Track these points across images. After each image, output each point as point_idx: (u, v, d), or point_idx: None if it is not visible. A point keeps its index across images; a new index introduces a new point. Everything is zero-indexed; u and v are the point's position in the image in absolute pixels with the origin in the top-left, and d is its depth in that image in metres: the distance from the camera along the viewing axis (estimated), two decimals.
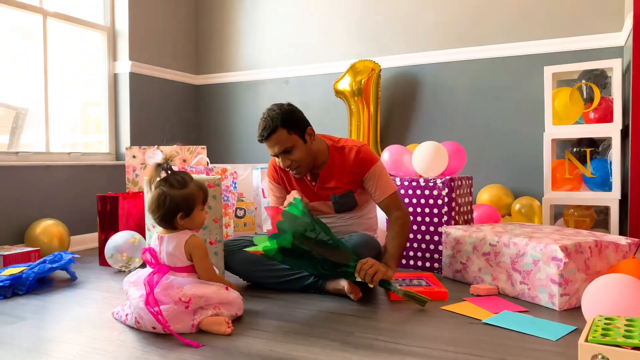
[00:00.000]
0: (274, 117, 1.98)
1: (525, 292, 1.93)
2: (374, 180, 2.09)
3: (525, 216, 2.82)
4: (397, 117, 3.43)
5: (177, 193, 1.64)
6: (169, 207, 1.63)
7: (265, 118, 2.00)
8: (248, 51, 3.96)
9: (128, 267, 2.49)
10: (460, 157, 2.59)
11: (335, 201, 2.14)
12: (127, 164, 2.98)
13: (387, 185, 2.10)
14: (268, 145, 2.03)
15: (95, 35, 3.53)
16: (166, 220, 1.65)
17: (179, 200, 1.64)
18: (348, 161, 2.10)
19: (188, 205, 1.66)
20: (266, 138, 2.00)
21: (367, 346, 1.48)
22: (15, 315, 1.81)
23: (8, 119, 3.04)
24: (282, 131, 1.98)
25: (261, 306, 1.89)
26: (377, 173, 2.09)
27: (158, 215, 1.64)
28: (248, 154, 3.96)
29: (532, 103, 3.05)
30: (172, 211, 1.64)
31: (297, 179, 2.17)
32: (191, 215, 1.68)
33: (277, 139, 1.99)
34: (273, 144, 2.00)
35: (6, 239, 2.77)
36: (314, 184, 2.15)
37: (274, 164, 2.22)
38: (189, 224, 1.69)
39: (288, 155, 2.02)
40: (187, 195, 1.66)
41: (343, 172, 2.11)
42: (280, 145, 2.00)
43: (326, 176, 2.12)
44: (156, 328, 1.57)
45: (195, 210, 1.69)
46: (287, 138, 1.99)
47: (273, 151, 2.04)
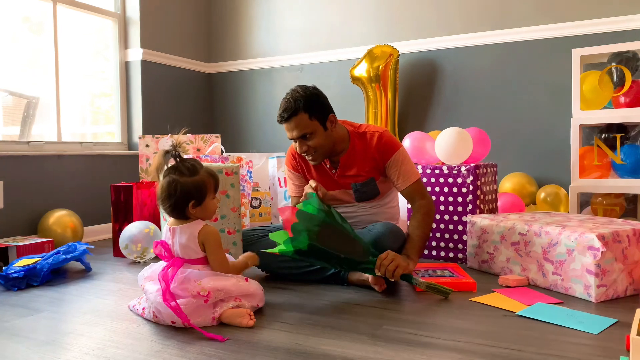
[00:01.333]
0: (297, 100, 1.90)
1: (558, 283, 1.84)
2: (396, 167, 2.00)
3: (550, 205, 2.72)
4: (416, 104, 3.33)
5: (188, 180, 1.56)
6: (180, 195, 1.55)
7: (288, 99, 1.92)
8: (261, 38, 3.88)
9: (143, 258, 2.44)
10: (485, 144, 2.50)
11: (356, 189, 2.05)
12: (140, 153, 2.92)
13: (410, 172, 2.02)
14: (287, 127, 1.95)
15: (106, 23, 3.46)
16: (177, 210, 1.58)
17: (190, 188, 1.56)
18: (370, 147, 2.01)
19: (200, 193, 1.58)
20: (286, 120, 1.92)
21: (398, 339, 1.41)
22: (31, 307, 1.75)
23: (19, 108, 2.99)
24: (304, 115, 1.90)
25: (282, 298, 1.82)
26: (400, 159, 2.00)
27: (169, 204, 1.57)
28: (262, 143, 3.88)
29: (558, 88, 2.94)
30: (184, 200, 1.56)
31: (317, 167, 2.10)
32: (203, 204, 1.60)
33: (297, 122, 1.91)
34: (292, 127, 1.92)
35: (19, 229, 2.73)
36: (334, 171, 2.07)
37: (292, 152, 2.15)
38: (201, 213, 1.61)
39: (306, 141, 1.95)
40: (198, 183, 1.57)
41: (364, 159, 2.02)
42: (299, 130, 1.92)
43: (347, 163, 2.04)
44: (175, 322, 1.51)
45: (207, 198, 1.60)
46: (307, 123, 1.91)
47: (291, 134, 1.95)
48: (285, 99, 1.93)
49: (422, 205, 2.00)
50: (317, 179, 2.08)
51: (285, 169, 2.21)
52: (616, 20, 2.78)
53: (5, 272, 2.00)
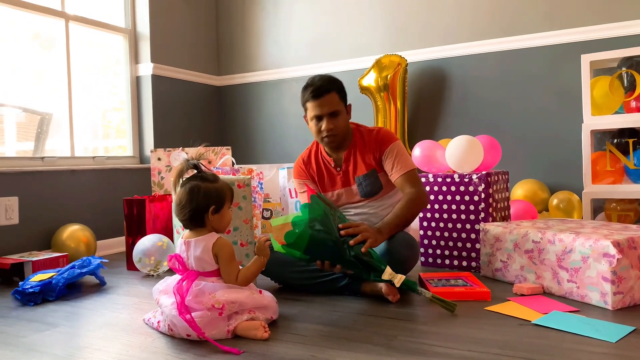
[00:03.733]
0: (330, 80, 2.01)
1: (574, 290, 1.82)
2: (392, 157, 2.05)
3: (563, 211, 2.70)
4: (425, 113, 3.34)
5: (211, 186, 1.60)
6: (203, 199, 1.57)
7: (320, 78, 2.01)
8: (270, 50, 3.91)
9: (156, 271, 2.45)
10: (496, 151, 2.49)
11: (359, 183, 2.09)
12: (153, 166, 2.95)
13: (405, 162, 2.04)
14: (316, 104, 1.99)
15: (117, 39, 3.51)
16: (197, 216, 1.59)
17: (213, 192, 1.59)
18: (369, 141, 2.09)
19: (220, 199, 1.60)
20: (319, 96, 1.98)
21: (414, 351, 1.40)
22: (47, 322, 1.77)
23: (33, 125, 3.03)
24: (335, 95, 2.01)
25: (296, 309, 1.82)
26: (396, 150, 2.06)
27: (189, 209, 1.57)
28: (272, 154, 3.90)
29: (568, 94, 2.93)
30: (205, 204, 1.57)
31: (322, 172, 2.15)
32: (221, 212, 1.62)
33: (329, 100, 1.99)
34: (324, 103, 1.99)
35: (34, 244, 2.76)
36: (339, 169, 2.13)
37: (298, 164, 2.20)
38: (218, 221, 1.62)
39: (333, 119, 2.01)
40: (219, 189, 1.61)
41: (364, 152, 2.09)
42: (330, 107, 1.99)
43: (349, 157, 2.11)
44: (190, 335, 1.52)
45: (225, 206, 1.63)
46: (337, 102, 2.02)
47: (321, 111, 1.99)
48: (316, 78, 2.01)
49: (409, 193, 2.01)
50: (324, 180, 2.15)
51: (294, 182, 2.24)
52: (625, 24, 2.77)
53: (21, 288, 2.03)
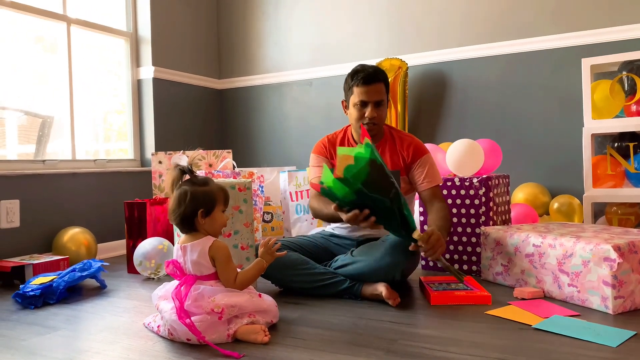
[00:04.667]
0: (379, 70, 2.08)
1: (575, 295, 1.82)
2: (425, 167, 2.12)
3: (564, 215, 2.70)
4: (426, 116, 3.34)
5: (199, 189, 1.59)
6: (190, 203, 1.57)
7: (371, 66, 2.08)
8: (271, 53, 3.92)
9: (157, 274, 2.45)
10: (496, 155, 2.50)
11: None
12: (154, 169, 2.95)
13: (436, 175, 2.15)
14: (366, 90, 2.04)
15: (118, 42, 3.52)
16: (187, 220, 1.59)
17: (200, 196, 1.58)
18: (402, 145, 2.15)
19: (208, 203, 1.59)
20: (369, 83, 2.04)
21: (413, 354, 1.40)
22: (48, 326, 1.77)
23: (34, 128, 3.04)
24: (382, 85, 2.08)
25: (296, 313, 1.82)
26: (430, 161, 2.16)
27: (179, 213, 1.58)
28: (273, 158, 3.91)
29: (569, 97, 2.93)
30: (193, 208, 1.57)
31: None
32: (212, 215, 1.61)
33: (378, 88, 2.06)
34: (373, 90, 2.05)
35: (34, 247, 2.76)
36: None
37: (322, 142, 2.24)
38: (210, 225, 1.62)
39: (377, 108, 2.07)
40: (208, 192, 1.60)
41: (394, 152, 2.15)
42: (378, 95, 2.06)
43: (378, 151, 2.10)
44: (190, 339, 1.51)
45: (216, 209, 1.62)
46: (383, 93, 2.08)
47: (368, 97, 2.05)
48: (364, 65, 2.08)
49: (443, 207, 2.10)
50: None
51: (312, 157, 2.25)
52: (626, 28, 2.78)
53: (22, 291, 2.03)
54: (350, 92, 2.11)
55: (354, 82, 2.07)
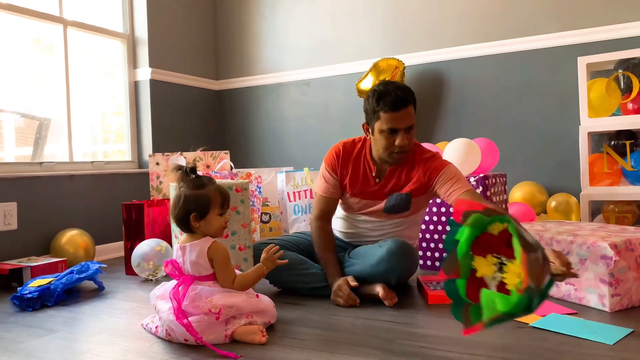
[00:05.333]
0: (408, 90, 1.88)
1: (572, 293, 1.83)
2: (449, 176, 1.91)
3: (562, 213, 2.71)
4: (423, 115, 3.34)
5: (191, 193, 1.59)
6: (182, 207, 1.58)
7: (398, 87, 1.86)
8: (268, 54, 3.92)
9: (155, 276, 2.45)
10: (493, 154, 2.50)
11: (389, 200, 1.97)
12: (151, 171, 2.95)
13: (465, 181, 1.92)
14: (398, 116, 1.84)
15: (115, 44, 3.52)
16: (182, 222, 1.60)
17: (191, 200, 1.58)
18: (420, 163, 1.97)
19: (201, 207, 1.58)
20: (399, 108, 1.84)
21: (412, 354, 1.40)
22: (46, 328, 1.77)
23: (31, 130, 3.04)
24: (412, 108, 1.89)
25: (294, 314, 1.82)
26: (454, 171, 1.93)
27: (174, 215, 1.61)
28: (271, 158, 3.91)
29: (565, 96, 2.94)
30: (185, 211, 1.58)
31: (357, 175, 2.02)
32: (207, 218, 1.60)
33: (408, 113, 1.87)
34: (406, 115, 1.86)
35: (33, 249, 2.76)
36: (378, 181, 2.01)
37: (336, 152, 2.06)
38: (206, 228, 1.61)
39: (408, 135, 1.89)
40: (200, 196, 1.59)
41: (410, 173, 1.98)
42: (410, 120, 1.88)
43: (393, 174, 1.99)
44: (188, 340, 1.52)
45: (210, 213, 1.60)
46: (413, 115, 1.90)
47: (399, 124, 1.85)
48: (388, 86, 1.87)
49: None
50: (356, 186, 2.02)
51: (323, 167, 2.09)
52: (622, 27, 2.78)
53: (20, 293, 2.03)
54: (375, 116, 1.89)
55: (381, 108, 1.85)
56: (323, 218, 2.08)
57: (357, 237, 2.12)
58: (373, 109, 1.89)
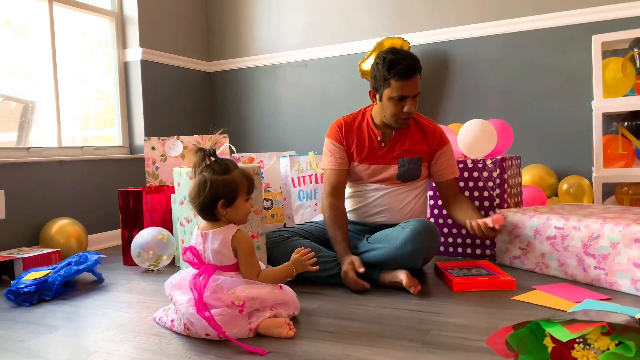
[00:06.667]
0: (416, 59, 1.92)
1: (602, 277, 1.76)
2: (447, 157, 2.08)
3: (573, 196, 2.65)
4: (429, 97, 3.24)
5: (219, 179, 1.47)
6: (210, 193, 1.45)
7: (408, 56, 1.90)
8: (263, 34, 3.76)
9: (156, 266, 2.32)
10: (507, 135, 2.42)
11: (402, 164, 2.03)
12: (146, 156, 2.80)
13: (456, 167, 2.13)
14: (407, 84, 1.89)
15: (103, 22, 3.32)
16: (206, 209, 1.47)
17: (220, 186, 1.46)
18: (426, 131, 2.06)
19: (230, 193, 1.48)
20: (410, 76, 1.89)
21: (451, 345, 1.32)
22: (47, 324, 1.63)
23: (9, 115, 2.84)
24: (419, 76, 1.93)
25: (315, 304, 1.72)
26: (451, 152, 2.11)
27: (198, 202, 1.47)
28: (267, 142, 3.77)
29: (577, 76, 2.87)
30: (213, 198, 1.45)
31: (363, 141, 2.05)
32: (234, 205, 1.49)
33: (417, 80, 1.92)
34: (414, 84, 1.91)
35: (22, 240, 2.59)
36: (384, 145, 2.05)
37: (338, 125, 2.09)
38: (232, 214, 1.51)
39: (415, 101, 1.95)
40: (229, 182, 1.48)
41: (417, 138, 2.05)
42: (417, 88, 1.93)
43: (399, 137, 2.05)
44: (210, 335, 1.40)
45: (238, 199, 1.50)
46: (419, 83, 1.95)
47: (410, 92, 1.91)
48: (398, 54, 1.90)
49: (465, 199, 2.09)
50: (363, 152, 2.05)
51: (327, 142, 2.11)
52: (636, 4, 2.71)
53: (15, 287, 1.88)
54: (385, 84, 1.92)
55: (392, 76, 1.89)
56: (334, 194, 2.05)
57: (370, 211, 2.08)
58: (383, 77, 1.92)
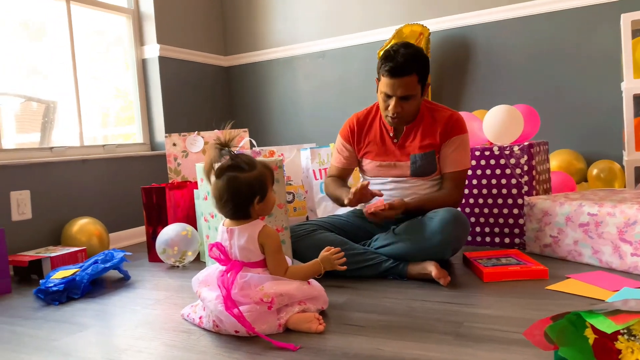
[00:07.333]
0: (413, 58, 1.82)
1: (639, 265, 1.70)
2: (453, 148, 1.95)
3: (604, 181, 2.58)
4: (450, 84, 3.18)
5: (250, 176, 1.45)
6: (247, 192, 1.43)
7: (404, 54, 1.81)
8: (279, 26, 3.73)
9: (182, 262, 2.32)
10: (534, 121, 2.36)
11: (414, 161, 1.97)
12: (168, 152, 2.80)
13: (463, 160, 1.97)
14: (391, 83, 1.83)
15: (120, 20, 3.33)
16: (242, 209, 1.45)
17: (255, 182, 1.44)
18: (438, 121, 1.96)
19: (262, 187, 1.46)
20: (396, 76, 1.82)
21: (486, 338, 1.28)
22: (77, 323, 1.64)
23: (32, 117, 2.86)
24: (413, 78, 1.85)
25: (342, 297, 1.70)
26: (461, 143, 1.96)
27: (233, 205, 1.44)
28: (286, 136, 3.75)
29: (604, 57, 2.77)
30: (249, 196, 1.44)
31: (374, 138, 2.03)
32: (265, 199, 1.48)
33: (405, 82, 1.83)
34: (399, 85, 1.83)
35: (49, 239, 2.62)
36: (396, 141, 2.00)
37: (350, 125, 2.09)
38: (263, 208, 1.49)
39: (403, 102, 1.87)
40: (260, 176, 1.46)
41: (428, 131, 1.97)
42: (405, 90, 1.84)
43: (410, 133, 1.99)
44: (239, 331, 1.39)
45: (269, 192, 1.49)
46: (414, 86, 1.86)
47: (393, 91, 1.84)
48: (400, 54, 1.81)
49: (451, 195, 1.95)
50: (375, 150, 2.03)
51: (338, 139, 2.14)
52: None
53: (44, 286, 1.89)
54: (379, 76, 1.91)
55: (382, 70, 1.86)
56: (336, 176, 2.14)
57: None
58: (378, 68, 1.90)
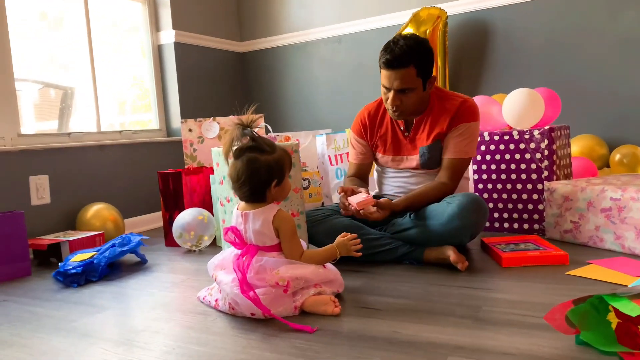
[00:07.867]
0: (413, 51, 1.76)
1: None
2: (457, 134, 1.87)
3: (627, 167, 2.52)
4: (469, 68, 3.12)
5: (270, 158, 1.44)
6: (265, 174, 1.42)
7: (402, 46, 1.76)
8: (294, 11, 3.69)
9: (198, 246, 2.33)
10: (555, 105, 2.30)
11: (422, 153, 1.93)
12: (184, 138, 2.80)
13: (465, 149, 1.88)
14: (389, 75, 1.79)
15: (136, 6, 3.32)
16: (258, 191, 1.44)
17: (273, 165, 1.43)
18: (449, 108, 1.88)
19: (281, 171, 1.46)
20: (392, 68, 1.77)
21: (505, 322, 1.26)
22: (95, 305, 1.66)
23: (50, 104, 2.88)
24: (412, 70, 1.78)
25: (358, 281, 1.69)
26: (467, 131, 1.87)
27: (250, 186, 1.43)
28: (302, 121, 3.73)
29: (628, 39, 2.70)
30: (267, 179, 1.43)
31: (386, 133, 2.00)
32: (282, 183, 1.48)
33: (403, 75, 1.78)
34: (397, 77, 1.78)
35: (67, 224, 2.64)
36: (407, 134, 1.97)
37: (361, 119, 2.06)
38: (280, 193, 1.49)
39: (402, 95, 1.82)
40: (279, 160, 1.45)
41: (436, 120, 1.90)
42: (402, 83, 1.79)
43: (420, 125, 1.94)
44: (255, 314, 1.39)
45: (285, 176, 1.49)
46: (413, 79, 1.80)
47: (390, 84, 1.80)
48: (398, 45, 1.77)
49: (444, 186, 1.87)
50: (387, 144, 2.00)
51: (350, 134, 2.12)
52: None
53: (63, 269, 1.92)
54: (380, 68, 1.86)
55: (380, 62, 1.82)
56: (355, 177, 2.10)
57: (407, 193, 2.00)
58: (378, 60, 1.85)
